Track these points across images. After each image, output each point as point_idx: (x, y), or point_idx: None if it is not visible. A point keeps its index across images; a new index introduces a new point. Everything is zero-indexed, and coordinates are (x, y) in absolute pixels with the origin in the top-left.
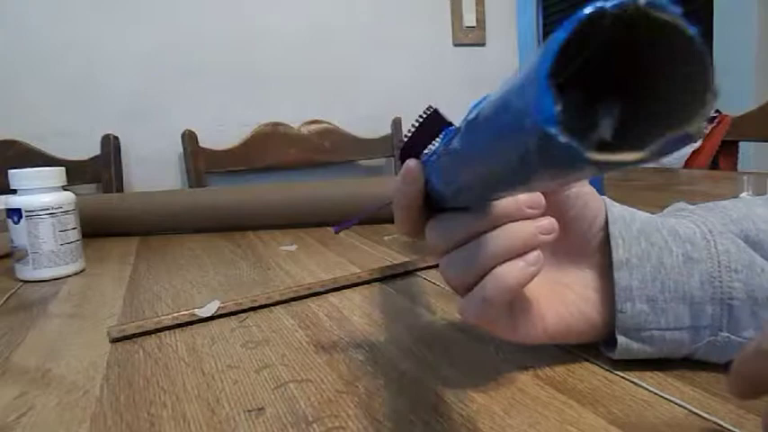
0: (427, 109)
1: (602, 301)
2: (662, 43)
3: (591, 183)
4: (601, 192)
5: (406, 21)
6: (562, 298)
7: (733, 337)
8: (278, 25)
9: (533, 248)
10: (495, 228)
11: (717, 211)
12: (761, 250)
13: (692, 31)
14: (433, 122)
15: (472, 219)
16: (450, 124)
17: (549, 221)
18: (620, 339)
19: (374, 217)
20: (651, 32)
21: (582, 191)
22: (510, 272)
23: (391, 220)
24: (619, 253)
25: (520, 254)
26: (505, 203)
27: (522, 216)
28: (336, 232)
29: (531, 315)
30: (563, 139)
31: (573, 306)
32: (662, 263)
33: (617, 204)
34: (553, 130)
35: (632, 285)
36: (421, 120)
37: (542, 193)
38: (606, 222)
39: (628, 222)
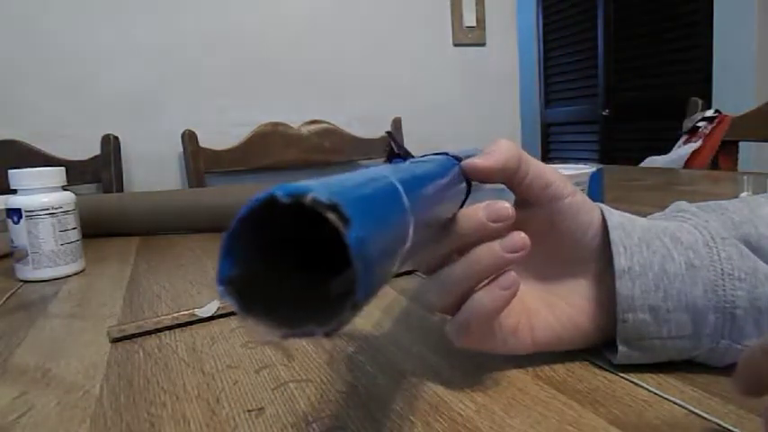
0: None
1: (597, 310)
2: (329, 240)
3: (591, 185)
4: (600, 195)
5: (406, 21)
6: (553, 309)
7: (734, 344)
8: (278, 25)
9: (504, 267)
10: (463, 246)
11: (718, 213)
12: (763, 256)
13: (350, 237)
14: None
15: (436, 242)
16: (398, 156)
17: (516, 239)
18: (621, 348)
19: None
20: (321, 226)
21: (574, 200)
22: (484, 299)
23: None
24: (621, 261)
25: (492, 275)
26: (467, 220)
27: (487, 232)
28: None
29: (520, 328)
30: (226, 298)
31: (564, 316)
32: (664, 271)
33: (614, 211)
34: (220, 289)
35: (634, 295)
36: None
37: (528, 203)
38: (601, 229)
39: (628, 230)
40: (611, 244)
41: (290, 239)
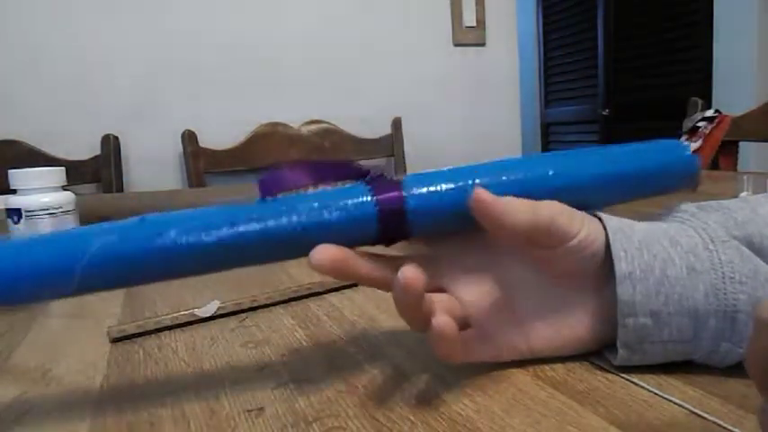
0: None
1: (596, 317)
2: None
3: None
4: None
5: (406, 21)
6: (552, 322)
7: (735, 348)
8: (278, 25)
9: (408, 301)
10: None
11: (720, 214)
12: (765, 257)
13: None
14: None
15: None
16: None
17: (397, 279)
18: (621, 352)
19: None
20: None
21: (581, 243)
22: (433, 344)
23: None
24: (621, 266)
25: (411, 301)
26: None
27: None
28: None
29: (515, 341)
30: None
31: (564, 329)
32: (666, 275)
33: (613, 217)
34: None
35: (635, 300)
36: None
37: (536, 244)
38: (604, 244)
39: (628, 234)
40: (612, 249)
41: None
